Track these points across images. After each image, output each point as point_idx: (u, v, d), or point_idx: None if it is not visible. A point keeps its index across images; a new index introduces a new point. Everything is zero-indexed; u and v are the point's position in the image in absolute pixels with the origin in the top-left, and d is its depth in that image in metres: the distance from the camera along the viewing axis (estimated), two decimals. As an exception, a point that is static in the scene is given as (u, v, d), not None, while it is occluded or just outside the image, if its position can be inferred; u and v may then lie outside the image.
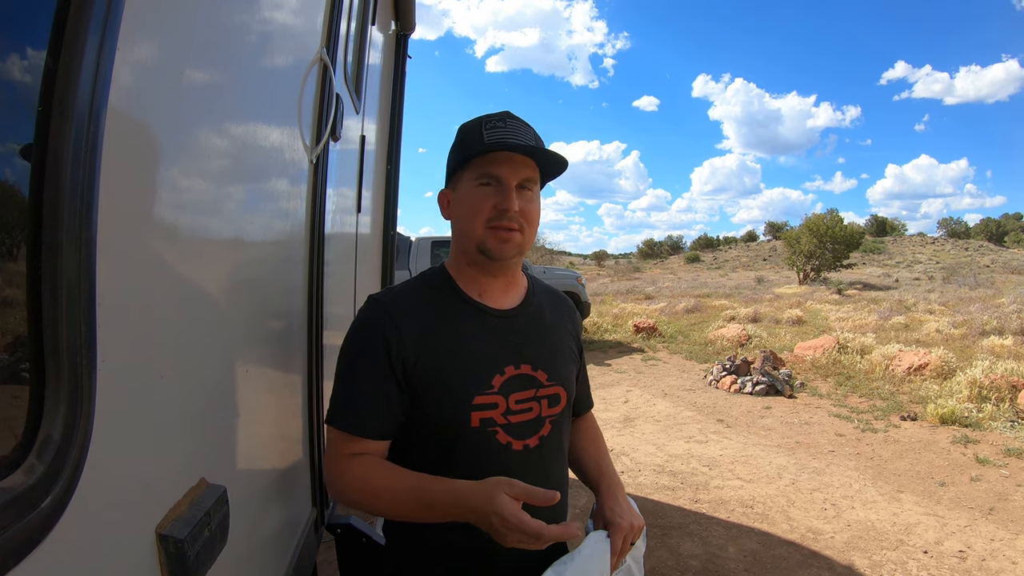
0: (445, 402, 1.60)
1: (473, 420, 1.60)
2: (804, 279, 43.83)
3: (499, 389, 1.64)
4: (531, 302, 1.81)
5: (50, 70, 0.74)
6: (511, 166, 1.62)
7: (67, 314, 0.75)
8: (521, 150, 1.60)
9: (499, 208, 1.61)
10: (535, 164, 1.66)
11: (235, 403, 1.53)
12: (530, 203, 1.66)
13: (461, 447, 1.61)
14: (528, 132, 1.65)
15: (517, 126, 1.64)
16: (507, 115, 1.68)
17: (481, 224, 1.63)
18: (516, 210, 1.61)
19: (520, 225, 1.64)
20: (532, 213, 1.67)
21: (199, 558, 1.12)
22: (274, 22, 1.71)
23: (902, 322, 16.86)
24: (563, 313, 1.92)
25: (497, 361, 1.67)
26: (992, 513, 5.47)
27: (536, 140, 1.66)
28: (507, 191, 1.61)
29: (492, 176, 1.62)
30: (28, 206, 0.73)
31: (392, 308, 1.65)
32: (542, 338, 1.78)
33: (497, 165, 1.61)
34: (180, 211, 1.17)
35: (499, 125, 1.63)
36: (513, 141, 1.60)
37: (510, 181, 1.62)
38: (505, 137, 1.60)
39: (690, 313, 20.89)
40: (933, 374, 10.29)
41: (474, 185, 1.64)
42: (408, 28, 5.05)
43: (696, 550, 4.77)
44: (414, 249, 14.76)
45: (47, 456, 0.74)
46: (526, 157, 1.63)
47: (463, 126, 1.71)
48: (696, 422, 8.61)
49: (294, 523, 2.13)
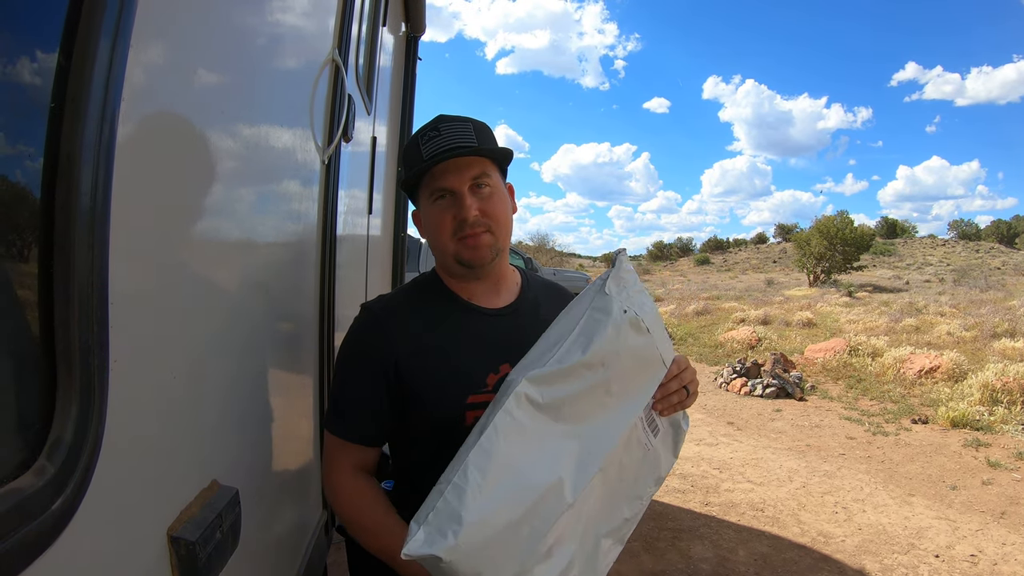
0: (439, 402, 1.61)
1: (468, 419, 1.60)
2: (814, 281, 43.62)
3: (493, 388, 1.61)
4: (525, 299, 1.81)
5: (63, 68, 0.73)
6: (456, 173, 1.60)
7: (79, 314, 0.74)
8: (455, 154, 1.57)
9: (458, 219, 1.60)
10: (484, 159, 1.64)
11: (247, 405, 1.53)
12: (490, 199, 1.64)
13: (457, 445, 1.60)
14: (463, 130, 1.62)
15: (450, 129, 1.61)
16: (439, 120, 1.65)
17: (448, 239, 1.63)
18: (476, 213, 1.60)
19: (487, 225, 1.63)
20: (495, 208, 1.65)
21: (210, 560, 1.11)
22: (286, 23, 1.71)
23: (913, 324, 16.75)
24: (561, 305, 1.85)
25: (491, 360, 1.67)
26: (1004, 517, 5.43)
27: (478, 133, 1.64)
28: (460, 199, 1.60)
29: (441, 189, 1.61)
30: (41, 205, 0.72)
31: (382, 316, 1.66)
32: (538, 334, 1.73)
33: (442, 177, 1.60)
34: (193, 212, 1.16)
35: (432, 135, 1.61)
36: (448, 147, 1.58)
37: (460, 188, 1.60)
38: (439, 146, 1.58)
39: (700, 315, 20.83)
40: (944, 377, 10.22)
41: (430, 203, 1.64)
42: (418, 30, 5.06)
43: (707, 553, 4.75)
44: (424, 251, 14.75)
45: (58, 458, 0.73)
46: (469, 157, 1.61)
47: (405, 146, 1.70)
48: (706, 425, 8.58)
49: (305, 525, 2.12)
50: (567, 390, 1.46)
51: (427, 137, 1.61)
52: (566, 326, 1.54)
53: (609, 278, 1.59)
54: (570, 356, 1.47)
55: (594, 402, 1.50)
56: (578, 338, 1.49)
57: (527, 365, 1.49)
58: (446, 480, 1.37)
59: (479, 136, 1.63)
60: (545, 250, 66.12)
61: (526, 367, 1.48)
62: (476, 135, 1.63)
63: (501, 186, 1.70)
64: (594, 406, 1.50)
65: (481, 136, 1.64)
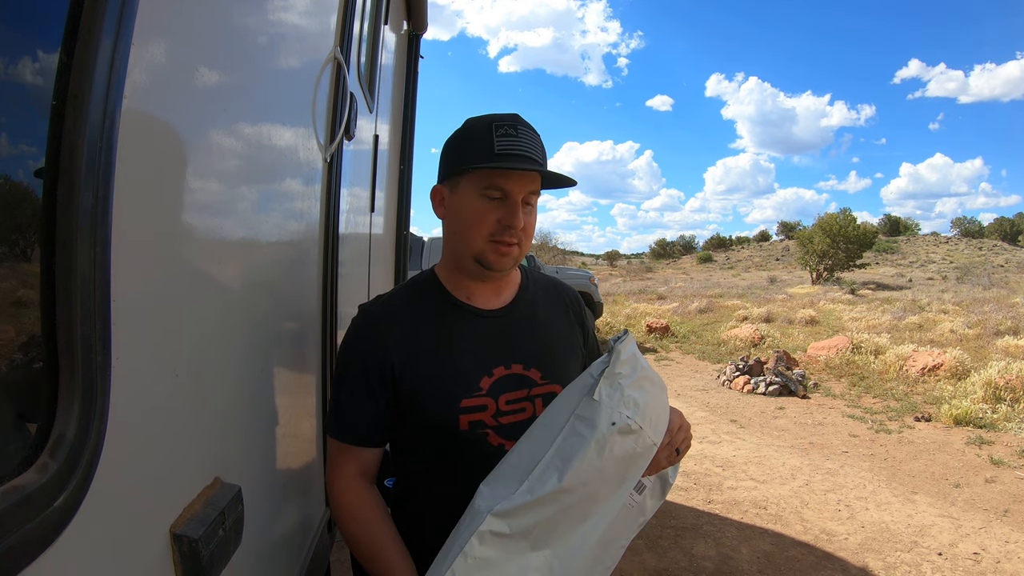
0: (433, 407, 1.59)
1: (462, 423, 1.58)
2: (817, 279, 43.66)
3: (487, 391, 1.61)
4: (523, 299, 1.77)
5: (64, 66, 0.73)
6: (521, 180, 1.56)
7: (81, 311, 0.74)
8: (536, 168, 1.55)
9: (504, 223, 1.57)
10: (539, 175, 1.60)
11: (250, 402, 1.53)
12: (530, 215, 1.62)
13: (454, 450, 1.60)
14: (538, 143, 1.60)
15: (529, 136, 1.58)
16: (518, 120, 1.60)
17: (482, 237, 1.59)
18: (522, 226, 1.59)
19: (519, 239, 1.60)
20: (531, 226, 1.63)
21: (213, 558, 1.11)
22: (289, 22, 1.71)
23: (916, 322, 16.75)
24: (560, 304, 1.86)
25: (485, 363, 1.64)
26: (1007, 515, 5.42)
27: (543, 150, 1.62)
28: (514, 207, 1.57)
29: (501, 189, 1.56)
30: (43, 203, 0.72)
31: (378, 318, 1.64)
32: (535, 335, 1.74)
33: (506, 179, 1.55)
34: (195, 210, 1.16)
35: (510, 133, 1.56)
36: (528, 155, 1.55)
37: (517, 196, 1.57)
38: (519, 150, 1.54)
39: (703, 313, 20.84)
40: (947, 374, 10.22)
41: (478, 194, 1.58)
42: (420, 28, 5.05)
43: (709, 551, 4.75)
44: (427, 249, 14.78)
45: (60, 454, 0.73)
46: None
47: (470, 123, 1.63)
48: (709, 422, 8.58)
49: (308, 522, 2.13)
50: (540, 516, 1.35)
51: (504, 132, 1.55)
52: (543, 439, 1.40)
53: (601, 379, 1.41)
54: (543, 484, 1.34)
55: (572, 517, 1.40)
56: (553, 460, 1.36)
57: (495, 485, 1.40)
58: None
59: (545, 152, 1.63)
60: (547, 248, 66.20)
61: (494, 489, 1.38)
62: (543, 152, 1.62)
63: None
64: (572, 520, 1.40)
65: (545, 152, 1.63)
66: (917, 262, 72.20)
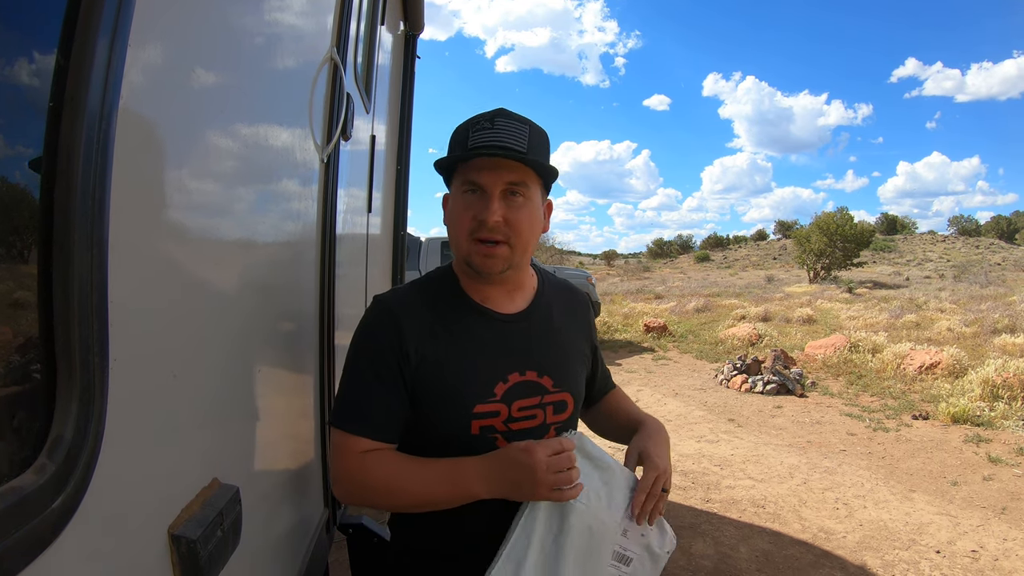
0: (446, 410, 1.57)
1: (473, 428, 1.57)
2: (814, 278, 43.68)
3: (501, 397, 1.59)
4: (539, 304, 1.74)
5: (61, 67, 0.74)
6: (494, 172, 1.51)
7: (79, 312, 0.74)
8: (497, 154, 1.49)
9: (478, 219, 1.52)
10: (528, 168, 1.54)
11: (248, 403, 1.52)
12: (519, 210, 1.55)
13: (461, 454, 1.56)
14: (519, 133, 1.53)
15: (506, 127, 1.52)
16: (498, 114, 1.56)
17: (465, 236, 1.56)
18: (498, 220, 1.51)
19: (506, 236, 1.54)
20: (520, 221, 1.55)
21: (211, 558, 1.11)
22: (285, 22, 1.71)
23: (913, 320, 16.78)
24: (574, 311, 1.84)
25: (500, 368, 1.62)
26: (1005, 512, 5.43)
27: (532, 139, 1.55)
28: (488, 199, 1.52)
29: (473, 183, 1.53)
30: (41, 205, 0.72)
31: (397, 309, 1.60)
32: (549, 342, 1.71)
33: (478, 171, 1.52)
34: (192, 211, 1.16)
35: (485, 127, 1.52)
36: (494, 144, 1.50)
37: (492, 188, 1.52)
38: (491, 141, 1.50)
39: (700, 312, 20.84)
40: (945, 373, 10.24)
41: (459, 192, 1.57)
42: (417, 28, 5.06)
43: (708, 550, 4.75)
44: (424, 250, 14.74)
45: (58, 456, 0.73)
46: (513, 161, 1.51)
47: (456, 128, 1.61)
48: (707, 422, 8.59)
49: (306, 523, 2.12)
50: None
51: (480, 127, 1.53)
52: None
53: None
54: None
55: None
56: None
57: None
58: None
59: (532, 143, 1.55)
60: (545, 248, 66.06)
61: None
62: (529, 140, 1.54)
63: (537, 200, 1.61)
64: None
65: (534, 143, 1.56)
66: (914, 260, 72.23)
